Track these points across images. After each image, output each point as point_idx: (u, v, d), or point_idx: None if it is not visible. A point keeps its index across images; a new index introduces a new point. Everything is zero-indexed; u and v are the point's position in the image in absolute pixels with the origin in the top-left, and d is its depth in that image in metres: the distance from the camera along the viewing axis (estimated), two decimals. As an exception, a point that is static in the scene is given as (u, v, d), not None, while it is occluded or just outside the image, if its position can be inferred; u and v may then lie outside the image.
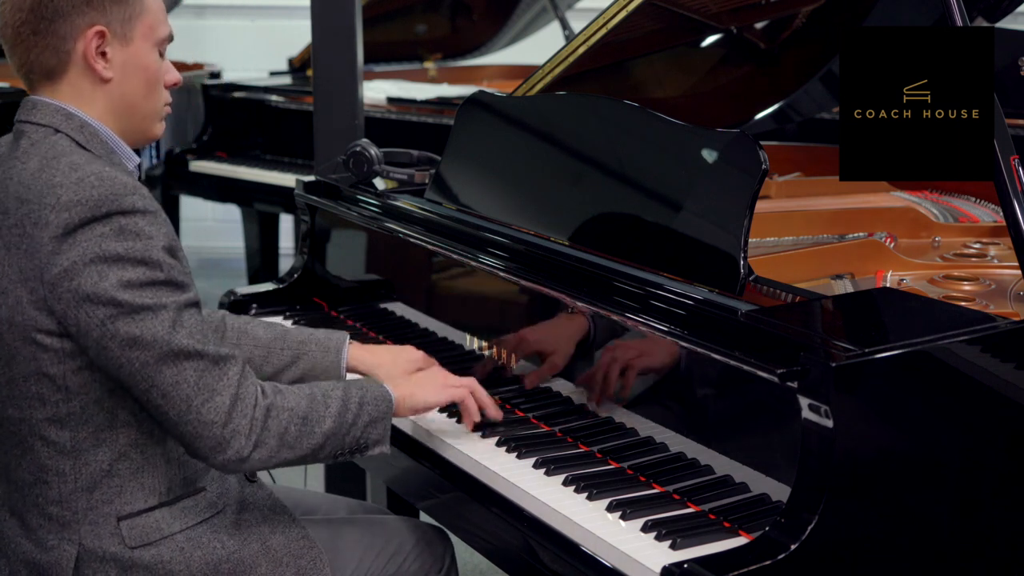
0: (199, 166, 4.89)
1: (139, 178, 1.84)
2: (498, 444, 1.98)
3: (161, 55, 1.83)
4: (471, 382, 2.03)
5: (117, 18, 1.76)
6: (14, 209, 1.70)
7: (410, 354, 2.15)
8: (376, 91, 4.70)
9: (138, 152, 1.87)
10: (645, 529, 1.69)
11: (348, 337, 2.15)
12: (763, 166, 1.88)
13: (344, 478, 3.05)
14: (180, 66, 2.40)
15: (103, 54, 1.76)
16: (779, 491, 1.66)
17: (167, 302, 1.68)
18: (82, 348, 1.69)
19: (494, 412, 2.02)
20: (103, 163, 1.73)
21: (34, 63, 1.77)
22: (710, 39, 2.96)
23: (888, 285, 2.18)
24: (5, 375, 1.74)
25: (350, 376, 2.13)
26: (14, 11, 1.75)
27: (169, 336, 1.67)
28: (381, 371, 2.10)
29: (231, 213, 5.53)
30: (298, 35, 4.99)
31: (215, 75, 5.54)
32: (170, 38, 1.84)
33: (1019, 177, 1.84)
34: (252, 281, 4.95)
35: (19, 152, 1.75)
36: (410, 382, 2.00)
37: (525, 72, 3.32)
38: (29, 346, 1.70)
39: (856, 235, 2.44)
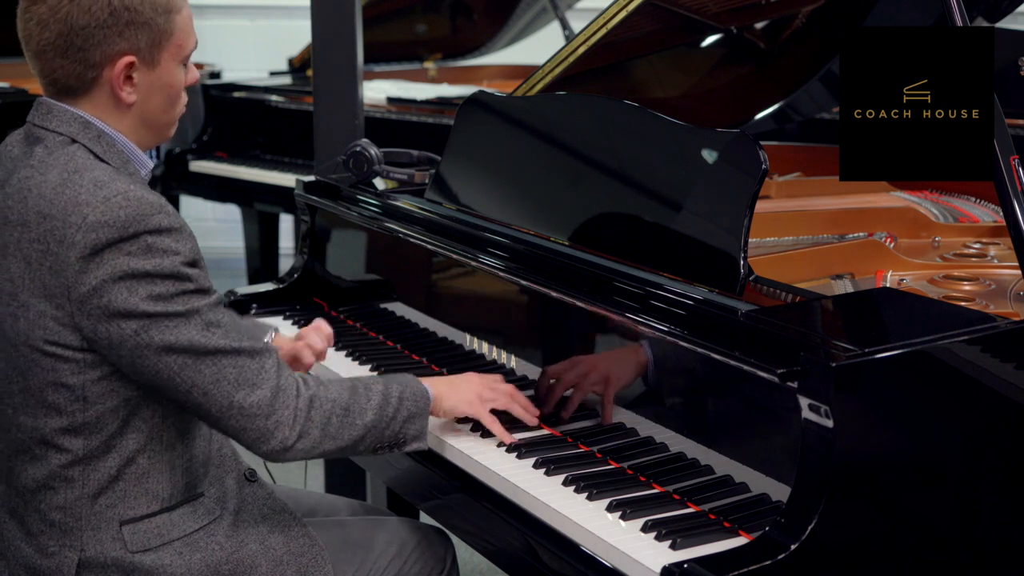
0: (199, 166, 4.89)
1: (150, 181, 1.84)
2: (498, 444, 1.98)
3: (185, 65, 1.81)
4: (510, 395, 2.02)
5: (147, 45, 1.73)
6: (35, 224, 1.68)
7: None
8: (376, 91, 4.70)
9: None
10: (645, 529, 1.69)
11: (274, 328, 2.27)
12: (763, 166, 1.88)
13: (344, 478, 3.05)
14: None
15: (129, 79, 1.74)
16: (779, 491, 1.66)
17: (199, 306, 1.69)
18: (111, 359, 1.69)
19: (530, 421, 2.02)
20: (125, 179, 1.71)
21: (56, 79, 1.74)
22: (710, 39, 2.96)
23: (888, 285, 2.18)
24: (19, 384, 1.74)
25: None
26: (40, 27, 1.70)
27: (203, 338, 1.69)
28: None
29: (231, 213, 5.52)
30: (298, 35, 4.99)
31: (215, 75, 5.54)
32: (195, 46, 1.82)
33: (1019, 177, 1.84)
34: (252, 281, 4.95)
35: (35, 161, 1.73)
36: (447, 383, 2.00)
37: (525, 72, 3.32)
38: (47, 358, 1.70)
39: (856, 235, 2.44)
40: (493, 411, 2.01)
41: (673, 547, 1.64)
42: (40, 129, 1.76)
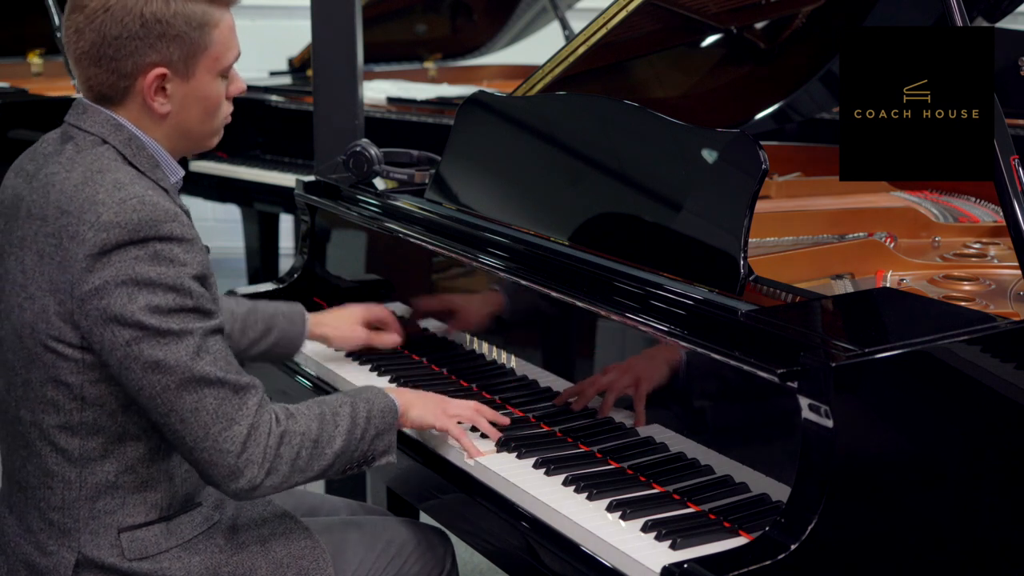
0: (199, 166, 4.89)
1: (180, 190, 1.83)
2: (498, 444, 1.98)
3: (226, 76, 1.81)
4: (473, 413, 2.01)
5: (180, 57, 1.73)
6: (53, 218, 1.69)
7: (354, 311, 2.39)
8: (376, 91, 4.70)
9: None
10: (645, 529, 1.69)
11: (304, 309, 2.34)
12: (763, 166, 1.88)
13: (344, 479, 3.05)
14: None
15: (162, 89, 1.75)
16: (779, 491, 1.66)
17: (193, 328, 1.68)
18: (103, 363, 1.69)
19: (492, 435, 2.00)
20: (147, 183, 1.72)
21: (91, 86, 1.75)
22: (710, 39, 2.96)
23: (888, 285, 2.18)
24: (21, 377, 1.74)
25: (309, 344, 2.36)
26: (77, 35, 1.72)
27: (192, 362, 1.67)
28: (332, 332, 2.35)
29: (231, 213, 5.52)
30: (298, 35, 4.99)
31: (215, 75, 5.52)
32: (236, 58, 1.81)
33: (1019, 177, 1.84)
34: (252, 281, 4.95)
35: (63, 158, 1.74)
36: (412, 394, 2.00)
37: (525, 72, 3.31)
38: (49, 353, 1.70)
39: (856, 235, 2.44)
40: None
41: (673, 547, 1.64)
42: (74, 128, 1.77)
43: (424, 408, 1.97)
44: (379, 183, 2.67)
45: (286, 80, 5.38)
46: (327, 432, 1.80)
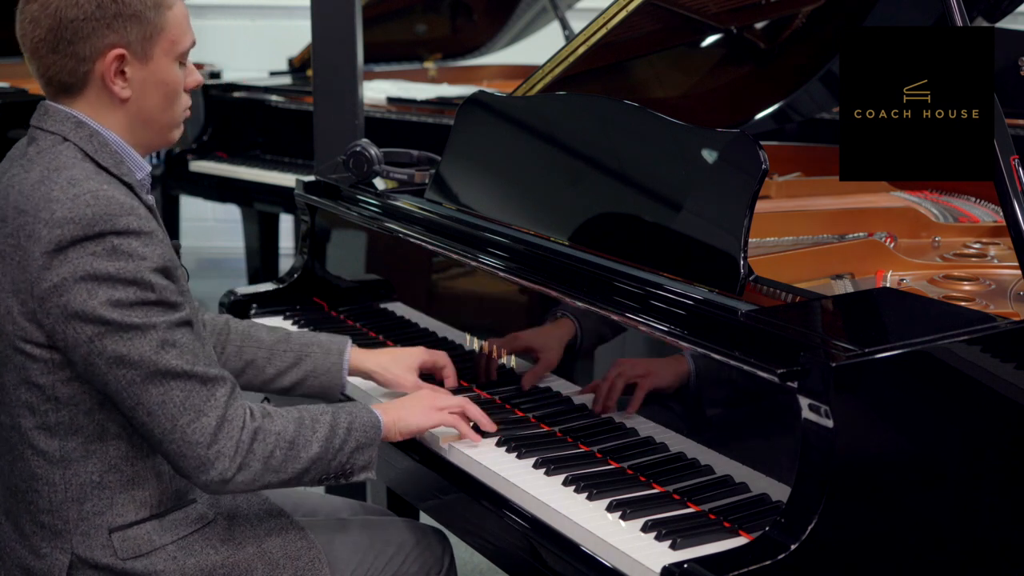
0: (199, 166, 4.89)
1: (150, 186, 1.82)
2: (498, 444, 1.98)
3: (182, 64, 1.81)
4: (462, 401, 2.01)
5: (137, 38, 1.73)
6: (11, 219, 1.69)
7: (411, 354, 2.19)
8: (376, 91, 4.71)
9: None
10: (645, 529, 1.69)
11: (350, 340, 2.19)
12: (763, 166, 1.88)
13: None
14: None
15: (122, 73, 1.74)
16: (779, 491, 1.66)
17: (157, 322, 1.67)
18: (70, 361, 1.69)
19: (488, 427, 2.00)
20: (104, 178, 1.71)
21: (52, 77, 1.75)
22: (710, 39, 2.96)
23: (888, 285, 2.18)
24: None
25: (352, 379, 2.18)
26: (33, 25, 1.72)
27: (156, 356, 1.66)
28: (380, 372, 2.15)
29: (231, 213, 5.53)
30: (298, 35, 4.99)
31: (215, 75, 5.54)
32: (192, 45, 1.81)
33: (1019, 177, 1.84)
34: (252, 281, 4.95)
35: (25, 160, 1.74)
36: (399, 406, 1.97)
37: (525, 72, 3.31)
38: (19, 355, 1.70)
39: (856, 235, 2.44)
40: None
41: (673, 547, 1.64)
42: (36, 130, 1.77)
43: (412, 416, 1.95)
44: (379, 183, 2.67)
45: (286, 80, 5.39)
46: (304, 436, 1.79)
